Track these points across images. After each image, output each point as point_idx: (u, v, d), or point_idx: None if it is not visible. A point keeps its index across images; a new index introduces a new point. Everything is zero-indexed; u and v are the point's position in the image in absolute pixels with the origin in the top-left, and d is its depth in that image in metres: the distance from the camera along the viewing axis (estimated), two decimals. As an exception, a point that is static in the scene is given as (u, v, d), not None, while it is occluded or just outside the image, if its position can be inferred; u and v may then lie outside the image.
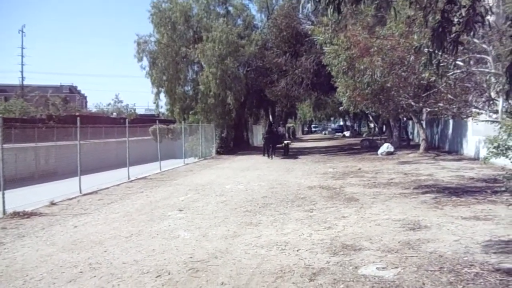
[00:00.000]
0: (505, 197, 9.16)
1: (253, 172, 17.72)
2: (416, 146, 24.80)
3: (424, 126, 25.39)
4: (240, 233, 7.48)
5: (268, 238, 7.09)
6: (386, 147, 23.32)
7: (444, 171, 14.80)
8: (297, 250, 6.30)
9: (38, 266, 6.08)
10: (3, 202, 9.81)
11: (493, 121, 8.64)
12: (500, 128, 7.57)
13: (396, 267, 5.36)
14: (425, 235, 6.79)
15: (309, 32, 21.10)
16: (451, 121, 22.18)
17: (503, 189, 9.17)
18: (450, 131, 23.41)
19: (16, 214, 9.64)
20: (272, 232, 7.46)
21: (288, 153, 27.54)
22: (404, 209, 8.84)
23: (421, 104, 13.51)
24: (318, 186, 12.74)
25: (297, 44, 27.09)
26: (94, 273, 5.68)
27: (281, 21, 27.29)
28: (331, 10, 4.26)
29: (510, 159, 7.37)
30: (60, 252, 6.72)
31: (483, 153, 11.23)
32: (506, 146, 7.18)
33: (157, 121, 27.13)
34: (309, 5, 4.21)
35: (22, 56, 66.75)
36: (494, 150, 7.39)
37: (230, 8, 31.98)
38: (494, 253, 5.71)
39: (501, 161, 8.96)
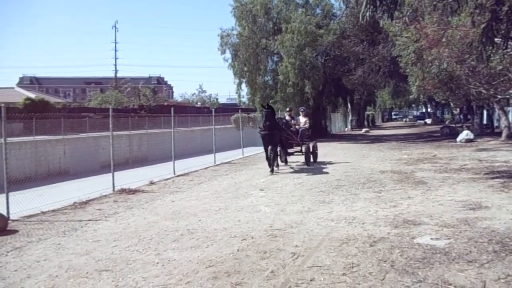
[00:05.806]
0: None
1: (329, 158, 18.50)
2: (499, 134, 24.14)
3: (509, 113, 24.61)
4: (313, 209, 8.50)
5: (338, 213, 8.05)
6: (465, 134, 23.00)
7: (523, 158, 14.76)
8: (363, 224, 7.21)
9: (147, 229, 7.51)
10: (113, 181, 11.62)
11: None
12: None
13: (449, 239, 6.12)
14: (483, 214, 7.40)
15: (381, 25, 21.37)
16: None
17: None
18: (537, 118, 22.60)
19: (123, 191, 11.42)
20: (342, 209, 8.41)
21: (315, 160, 16.95)
22: (469, 192, 9.37)
23: (491, 92, 13.58)
24: (390, 171, 13.39)
25: (375, 32, 27.20)
26: (192, 236, 6.99)
27: (359, 9, 27.44)
28: (386, 17, 5.13)
29: None
30: (163, 220, 8.15)
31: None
32: None
33: (239, 110, 28.57)
34: (367, 14, 5.06)
35: (116, 50, 71.98)
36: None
37: (309, -2, 32.43)
38: (546, 229, 6.26)
39: None
